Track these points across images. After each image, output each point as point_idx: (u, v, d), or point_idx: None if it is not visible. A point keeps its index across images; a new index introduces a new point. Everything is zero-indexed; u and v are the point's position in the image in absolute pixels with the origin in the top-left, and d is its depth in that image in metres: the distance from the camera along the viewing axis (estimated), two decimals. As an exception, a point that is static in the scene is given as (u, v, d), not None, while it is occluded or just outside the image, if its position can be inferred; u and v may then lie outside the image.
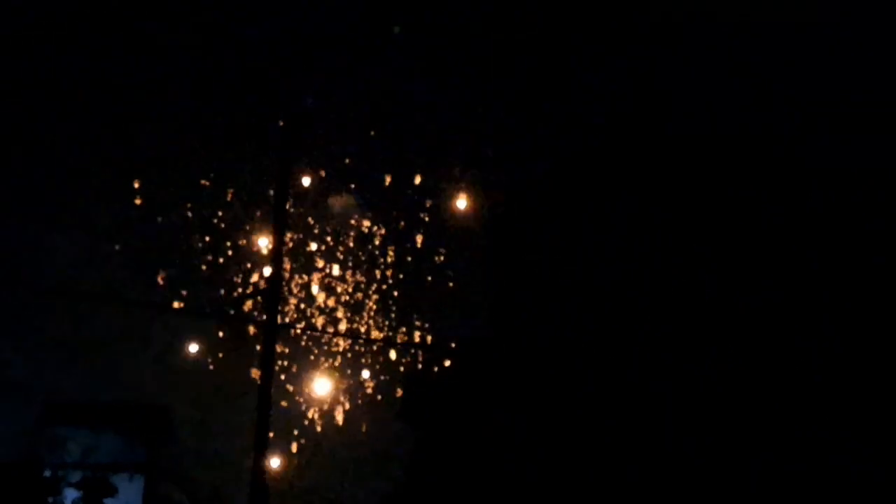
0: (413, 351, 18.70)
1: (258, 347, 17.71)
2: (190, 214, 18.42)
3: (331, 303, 18.25)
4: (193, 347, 18.06)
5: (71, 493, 18.59)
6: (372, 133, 19.94)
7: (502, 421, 20.85)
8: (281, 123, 18.01)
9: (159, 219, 19.08)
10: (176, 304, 17.96)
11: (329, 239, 18.31)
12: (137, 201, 18.81)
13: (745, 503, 20.46)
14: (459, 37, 20.69)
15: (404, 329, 18.82)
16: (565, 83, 21.15)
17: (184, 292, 18.44)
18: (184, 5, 20.21)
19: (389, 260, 18.37)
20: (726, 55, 21.04)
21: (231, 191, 19.17)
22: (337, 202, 18.25)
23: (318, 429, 19.01)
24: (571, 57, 21.04)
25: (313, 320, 18.59)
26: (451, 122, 20.68)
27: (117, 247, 19.25)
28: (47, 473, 18.62)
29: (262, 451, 17.49)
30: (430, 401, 20.35)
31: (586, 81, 21.05)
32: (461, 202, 19.94)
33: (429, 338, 19.34)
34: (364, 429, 19.49)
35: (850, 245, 21.05)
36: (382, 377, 19.31)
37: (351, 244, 18.26)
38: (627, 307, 21.27)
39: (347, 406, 19.31)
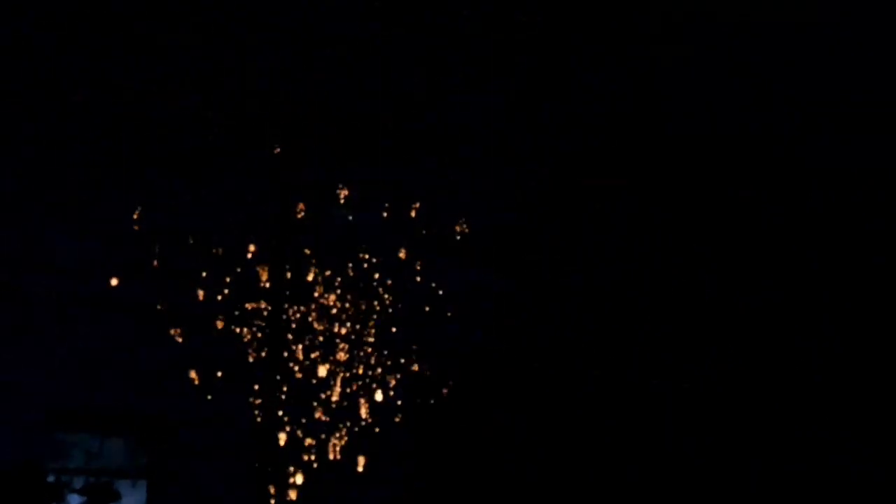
0: (414, 356, 18.72)
1: (260, 357, 17.77)
2: (190, 238, 18.38)
3: (330, 313, 18.27)
4: (195, 359, 18.06)
5: (74, 499, 18.63)
6: (370, 137, 19.90)
7: (502, 421, 20.91)
8: (277, 150, 17.96)
9: (160, 225, 19.03)
10: (175, 327, 17.93)
11: (328, 255, 18.30)
12: (136, 210, 18.74)
13: (745, 503, 20.55)
14: (459, 37, 20.63)
15: (405, 339, 18.82)
16: (565, 83, 21.11)
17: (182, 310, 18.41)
18: (184, 5, 20.13)
19: (389, 280, 18.36)
20: (726, 55, 20.99)
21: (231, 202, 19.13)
22: (336, 220, 18.23)
23: (319, 433, 19.05)
24: (571, 57, 21.00)
25: (315, 324, 18.59)
26: (450, 123, 20.65)
27: (118, 252, 19.21)
28: (50, 479, 18.64)
29: (264, 456, 17.56)
30: (430, 401, 20.39)
31: (586, 81, 21.01)
32: (461, 210, 19.93)
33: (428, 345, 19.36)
34: (365, 432, 19.51)
35: (850, 245, 21.07)
36: (383, 381, 19.32)
37: (350, 266, 18.25)
38: (627, 307, 21.32)
39: (348, 408, 19.33)
